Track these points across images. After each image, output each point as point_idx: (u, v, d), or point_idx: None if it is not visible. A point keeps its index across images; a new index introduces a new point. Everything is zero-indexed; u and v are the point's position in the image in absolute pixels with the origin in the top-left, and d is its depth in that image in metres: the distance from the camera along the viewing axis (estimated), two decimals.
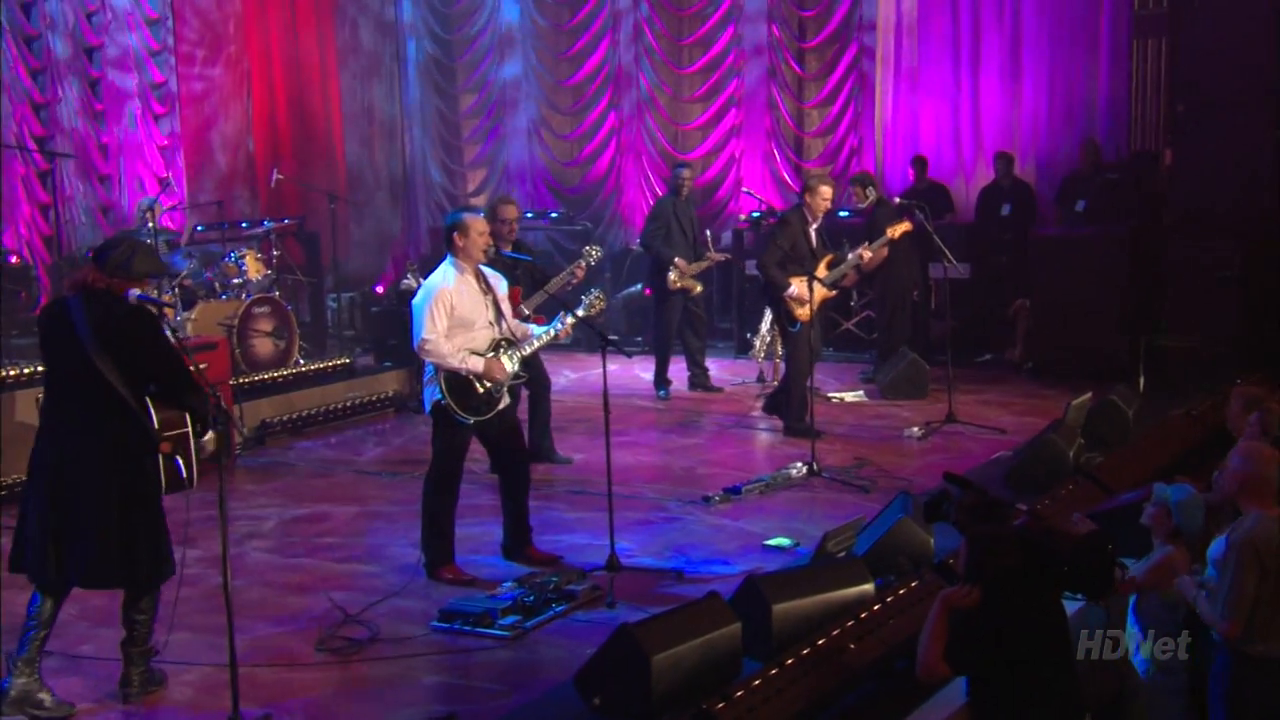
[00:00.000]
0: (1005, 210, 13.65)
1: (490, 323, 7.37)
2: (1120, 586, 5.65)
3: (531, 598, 6.77)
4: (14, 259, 14.34)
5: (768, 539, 7.85)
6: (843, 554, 6.70)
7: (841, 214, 13.74)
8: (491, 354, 7.31)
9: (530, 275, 9.24)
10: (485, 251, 7.31)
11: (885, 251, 11.67)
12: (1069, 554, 5.23)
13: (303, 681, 6.12)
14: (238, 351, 11.11)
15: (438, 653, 6.36)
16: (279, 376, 11.40)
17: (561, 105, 16.70)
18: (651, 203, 14.47)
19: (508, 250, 9.01)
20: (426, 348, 7.15)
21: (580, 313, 7.68)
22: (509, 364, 7.39)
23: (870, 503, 8.24)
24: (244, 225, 13.58)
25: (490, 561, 7.62)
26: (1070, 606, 5.36)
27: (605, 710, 5.29)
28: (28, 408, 8.78)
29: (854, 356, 13.68)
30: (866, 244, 10.72)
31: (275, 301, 11.65)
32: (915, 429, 10.40)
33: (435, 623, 6.63)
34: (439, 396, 7.24)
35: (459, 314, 7.20)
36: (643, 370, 12.73)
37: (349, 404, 11.55)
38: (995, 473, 8.84)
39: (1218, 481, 5.61)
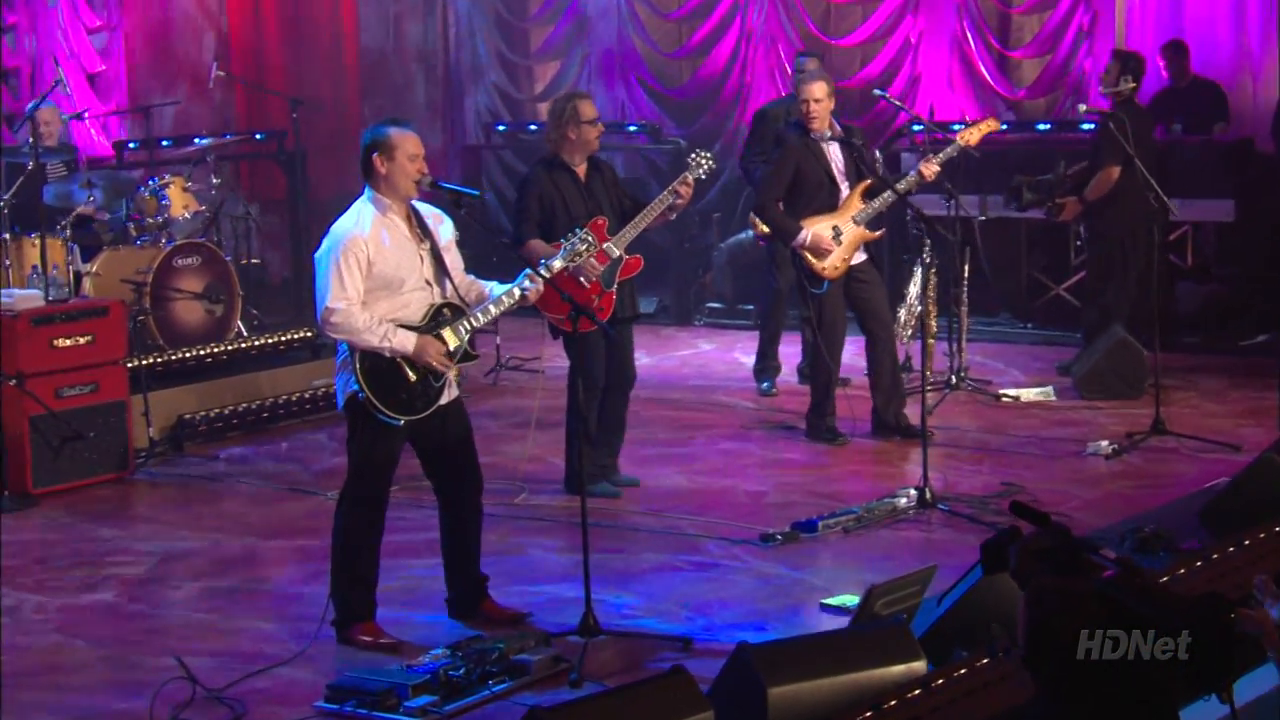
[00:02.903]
0: None
1: (427, 282, 7.52)
2: None
3: (461, 671, 6.97)
4: None
5: (830, 596, 7.96)
6: (894, 616, 6.78)
7: (1087, 126, 13.55)
8: (428, 327, 7.49)
9: (617, 204, 9.55)
10: (418, 182, 7.47)
11: (1114, 173, 11.59)
12: (1170, 627, 5.26)
13: None
14: (149, 319, 11.50)
15: None
16: (208, 355, 11.75)
17: None
18: None
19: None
20: (333, 320, 7.30)
21: (558, 263, 7.84)
22: (453, 340, 7.52)
23: None
24: (196, 141, 14.02)
25: (431, 620, 7.85)
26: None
27: None
28: None
29: (1064, 336, 13.67)
30: (930, 156, 10.73)
31: (209, 250, 12.07)
32: (1104, 443, 10.38)
33: (321, 702, 6.90)
34: (355, 388, 7.39)
35: (380, 270, 7.35)
36: (745, 353, 12.84)
37: (309, 395, 11.87)
38: (1195, 507, 8.80)
39: None
